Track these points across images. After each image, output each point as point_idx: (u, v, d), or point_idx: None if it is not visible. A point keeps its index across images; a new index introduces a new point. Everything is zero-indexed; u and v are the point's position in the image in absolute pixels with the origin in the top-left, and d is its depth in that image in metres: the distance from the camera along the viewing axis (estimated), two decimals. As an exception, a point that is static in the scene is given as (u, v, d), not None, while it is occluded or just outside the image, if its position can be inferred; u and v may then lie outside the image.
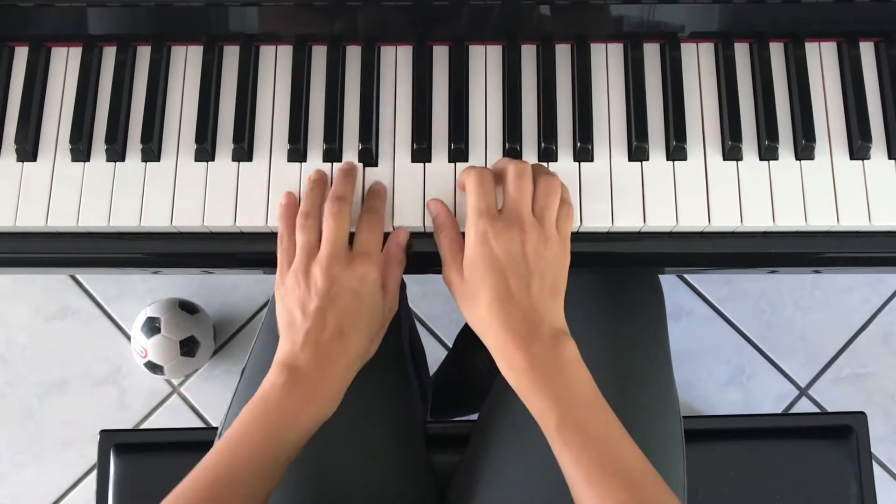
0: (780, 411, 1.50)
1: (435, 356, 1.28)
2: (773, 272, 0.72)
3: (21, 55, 0.72)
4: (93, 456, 1.48)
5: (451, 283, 0.66)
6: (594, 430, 0.60)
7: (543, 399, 0.61)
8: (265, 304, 1.53)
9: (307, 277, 0.65)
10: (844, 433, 0.90)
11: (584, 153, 0.68)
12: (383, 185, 0.69)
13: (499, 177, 0.66)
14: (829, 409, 1.50)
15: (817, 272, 0.73)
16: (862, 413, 0.91)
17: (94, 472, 1.43)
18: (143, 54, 0.72)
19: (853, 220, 0.67)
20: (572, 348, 0.63)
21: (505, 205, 0.64)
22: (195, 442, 0.91)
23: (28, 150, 0.69)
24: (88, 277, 1.55)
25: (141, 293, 1.54)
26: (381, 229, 0.67)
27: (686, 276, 1.54)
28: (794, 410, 1.50)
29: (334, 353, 0.64)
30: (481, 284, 0.63)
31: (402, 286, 0.91)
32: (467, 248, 0.64)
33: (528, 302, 0.62)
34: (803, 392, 1.51)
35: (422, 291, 1.53)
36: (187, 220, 0.68)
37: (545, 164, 0.69)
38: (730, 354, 1.52)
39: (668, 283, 1.53)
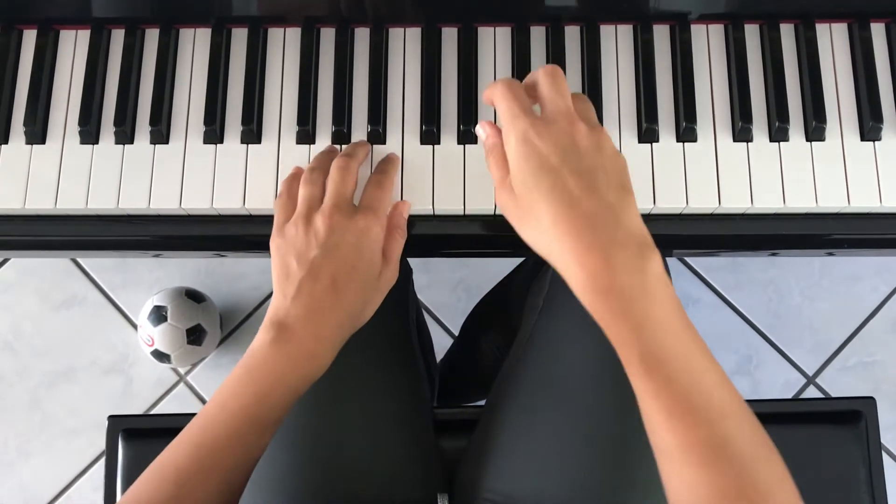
0: (786, 398, 1.50)
1: (441, 345, 1.28)
2: (775, 254, 0.72)
3: (30, 38, 0.72)
4: (100, 444, 1.48)
5: (504, 206, 0.58)
6: (679, 360, 0.53)
7: (627, 324, 0.53)
8: (272, 293, 1.53)
9: (308, 225, 0.63)
10: (853, 418, 0.90)
11: (593, 135, 0.68)
12: (397, 155, 0.68)
13: (532, 92, 0.60)
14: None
15: (830, 254, 0.73)
16: (871, 398, 0.90)
17: (102, 461, 1.44)
18: (152, 37, 0.72)
19: (864, 201, 0.66)
20: (659, 262, 0.54)
21: (544, 107, 0.57)
22: (203, 427, 0.91)
23: (37, 132, 0.69)
24: (95, 266, 1.55)
25: (148, 282, 1.54)
26: (389, 190, 0.65)
27: (693, 264, 1.54)
28: (800, 398, 1.50)
29: (326, 306, 0.61)
30: (536, 192, 0.54)
31: (409, 273, 0.91)
32: (510, 156, 0.57)
33: (597, 200, 0.53)
34: (811, 380, 1.50)
35: (428, 281, 1.53)
36: (196, 202, 0.68)
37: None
38: (737, 343, 1.51)
39: (675, 271, 1.52)
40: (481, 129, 0.62)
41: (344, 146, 0.69)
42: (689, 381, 0.53)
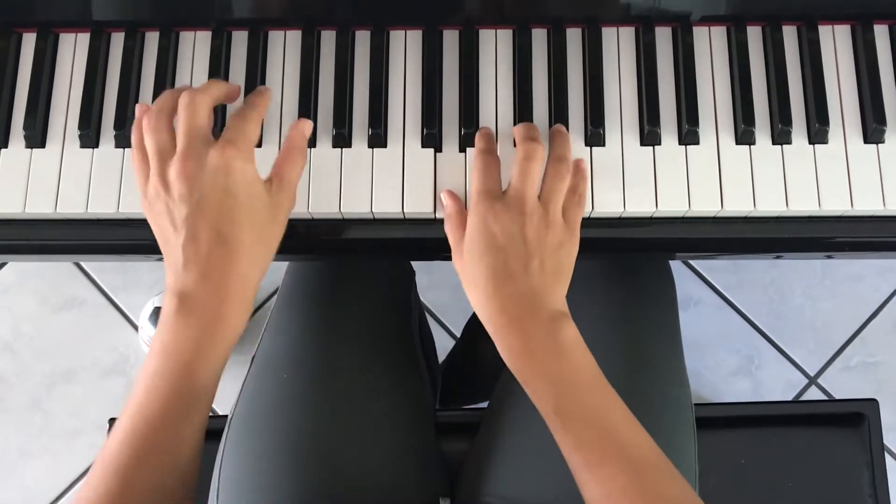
0: (789, 400, 1.50)
1: (443, 346, 1.28)
2: (780, 258, 0.72)
3: (29, 42, 0.72)
4: (101, 445, 1.47)
5: (457, 268, 0.65)
6: (594, 413, 0.58)
7: (541, 382, 0.59)
8: (274, 293, 1.53)
9: (166, 184, 0.57)
10: (856, 420, 0.90)
11: (595, 138, 0.68)
12: (269, 88, 0.66)
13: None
14: (839, 398, 1.50)
15: (829, 257, 0.72)
16: (874, 400, 0.90)
17: (103, 462, 1.43)
18: (152, 40, 0.71)
19: (868, 204, 0.66)
20: (572, 330, 0.61)
21: (508, 188, 0.63)
22: (204, 430, 0.90)
23: (37, 136, 0.69)
24: (95, 267, 1.55)
25: (148, 283, 1.54)
26: (253, 120, 0.61)
27: (695, 264, 1.54)
28: (803, 399, 1.49)
29: (220, 263, 0.56)
30: (479, 265, 0.61)
31: (412, 275, 0.91)
32: (467, 229, 0.63)
33: (526, 283, 0.60)
34: (812, 381, 1.50)
35: (429, 282, 1.53)
36: (197, 206, 0.68)
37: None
38: (739, 343, 1.51)
39: (677, 272, 1.52)
40: (444, 198, 0.66)
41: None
42: (605, 431, 0.57)
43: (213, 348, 0.57)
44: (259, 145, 0.69)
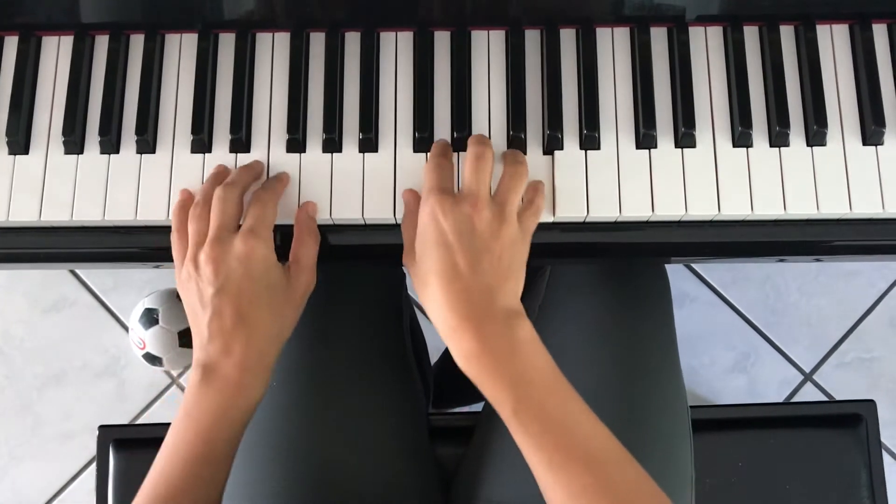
0: (784, 397, 1.50)
1: (436, 346, 1.27)
2: (782, 261, 0.71)
3: (11, 45, 0.70)
4: (93, 448, 1.47)
5: (408, 268, 0.64)
6: (554, 413, 0.57)
7: (498, 384, 0.58)
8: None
9: (196, 267, 0.63)
10: (854, 421, 0.89)
11: (590, 141, 0.67)
12: (288, 174, 0.67)
13: None
14: (835, 395, 1.49)
15: (819, 260, 0.72)
16: (871, 401, 0.90)
17: (94, 465, 1.42)
18: (137, 43, 0.70)
19: (866, 207, 0.65)
20: (527, 328, 0.60)
21: (461, 186, 0.63)
22: (195, 436, 0.90)
23: (20, 142, 0.68)
24: (85, 269, 1.54)
25: (138, 284, 1.53)
26: (271, 207, 0.65)
27: (690, 261, 1.53)
28: (798, 396, 1.49)
29: (241, 340, 0.62)
30: (430, 261, 0.60)
31: (402, 278, 0.90)
32: (418, 226, 0.62)
33: (478, 280, 0.59)
34: (808, 377, 1.50)
35: (422, 279, 1.52)
36: (184, 213, 0.66)
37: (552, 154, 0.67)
38: (734, 340, 1.51)
39: (672, 269, 1.52)
40: (405, 196, 0.66)
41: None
42: (565, 431, 0.56)
43: (232, 415, 0.61)
44: (248, 150, 0.68)
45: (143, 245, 0.69)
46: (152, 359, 1.39)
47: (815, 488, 0.89)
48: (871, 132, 0.66)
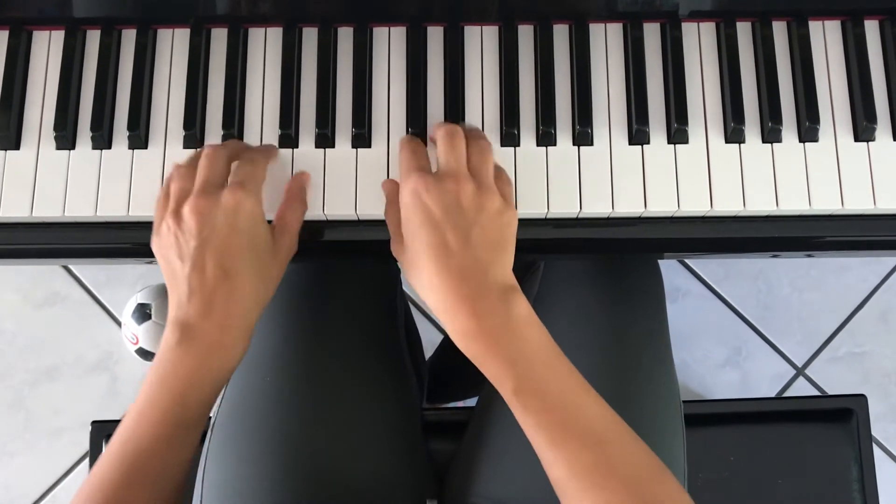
0: (776, 391, 1.50)
1: (431, 340, 1.27)
2: (775, 256, 0.71)
3: (1, 39, 0.70)
4: (85, 443, 1.46)
5: (396, 255, 0.63)
6: (554, 390, 0.57)
7: (497, 363, 0.57)
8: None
9: (178, 220, 0.60)
10: (845, 416, 0.90)
11: (583, 137, 0.67)
12: (277, 149, 0.67)
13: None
14: (826, 389, 1.50)
15: (811, 255, 0.72)
16: (862, 396, 0.90)
17: (87, 460, 1.42)
18: (129, 38, 0.70)
19: (857, 203, 0.66)
20: (523, 304, 0.59)
21: (439, 165, 0.62)
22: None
23: (11, 138, 0.67)
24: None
25: (131, 279, 1.52)
26: (260, 163, 0.63)
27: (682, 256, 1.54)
28: (791, 390, 1.50)
29: (223, 296, 0.59)
30: (418, 242, 0.59)
31: (397, 273, 0.90)
32: (401, 209, 0.61)
33: (469, 255, 0.58)
34: (800, 372, 1.51)
35: (416, 274, 1.51)
36: (177, 208, 0.66)
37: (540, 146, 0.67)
38: (726, 335, 1.51)
39: (665, 263, 1.52)
40: (385, 186, 0.65)
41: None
42: (567, 409, 0.56)
43: (209, 378, 0.59)
44: (240, 145, 0.68)
45: (135, 240, 0.68)
46: (145, 354, 1.39)
47: (806, 482, 0.89)
48: (863, 128, 0.66)
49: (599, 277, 0.78)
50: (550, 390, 0.57)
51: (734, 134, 0.66)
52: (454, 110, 0.67)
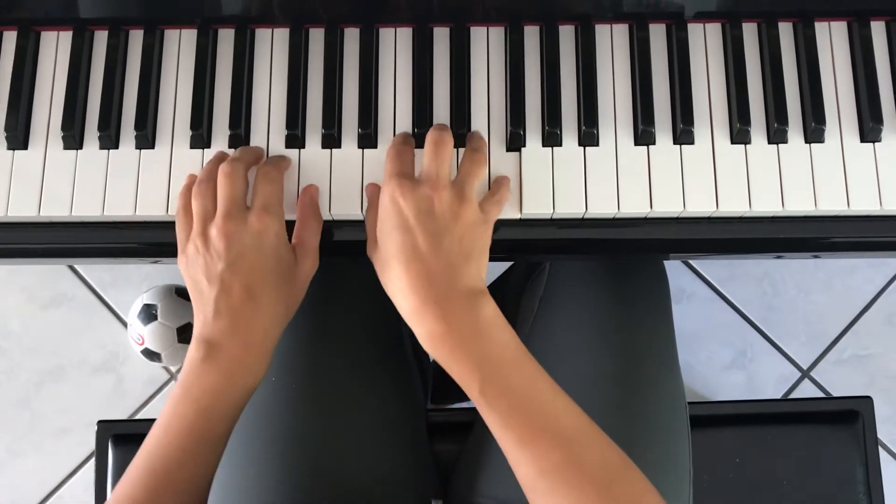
0: (782, 394, 1.50)
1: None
2: (780, 257, 0.71)
3: (9, 40, 0.70)
4: (91, 444, 1.47)
5: (371, 256, 0.64)
6: (520, 389, 0.57)
7: (463, 364, 0.58)
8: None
9: (206, 242, 0.62)
10: (851, 418, 0.90)
11: (589, 137, 0.67)
12: (289, 158, 0.67)
13: None
14: (832, 391, 1.50)
15: (817, 256, 0.72)
16: (868, 398, 0.90)
17: (93, 460, 1.42)
18: (136, 38, 0.70)
19: (863, 204, 0.65)
20: (490, 307, 0.59)
21: (421, 171, 0.63)
22: (194, 432, 0.90)
23: (19, 138, 0.68)
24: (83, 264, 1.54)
25: (137, 280, 1.53)
26: (278, 184, 0.64)
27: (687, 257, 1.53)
28: (796, 393, 1.49)
29: (248, 317, 0.61)
30: (391, 244, 0.60)
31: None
32: (378, 212, 0.62)
33: (439, 261, 0.59)
34: (805, 374, 1.50)
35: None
36: (183, 208, 0.66)
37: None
38: (731, 337, 1.51)
39: (670, 265, 1.52)
40: (368, 190, 0.66)
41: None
42: (533, 408, 0.56)
43: (232, 395, 0.61)
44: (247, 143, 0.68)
45: (141, 240, 0.69)
46: (151, 355, 1.39)
47: (812, 484, 0.89)
48: (869, 129, 0.66)
49: (605, 279, 0.78)
50: (516, 390, 0.57)
51: (740, 135, 0.66)
52: (460, 111, 0.67)
